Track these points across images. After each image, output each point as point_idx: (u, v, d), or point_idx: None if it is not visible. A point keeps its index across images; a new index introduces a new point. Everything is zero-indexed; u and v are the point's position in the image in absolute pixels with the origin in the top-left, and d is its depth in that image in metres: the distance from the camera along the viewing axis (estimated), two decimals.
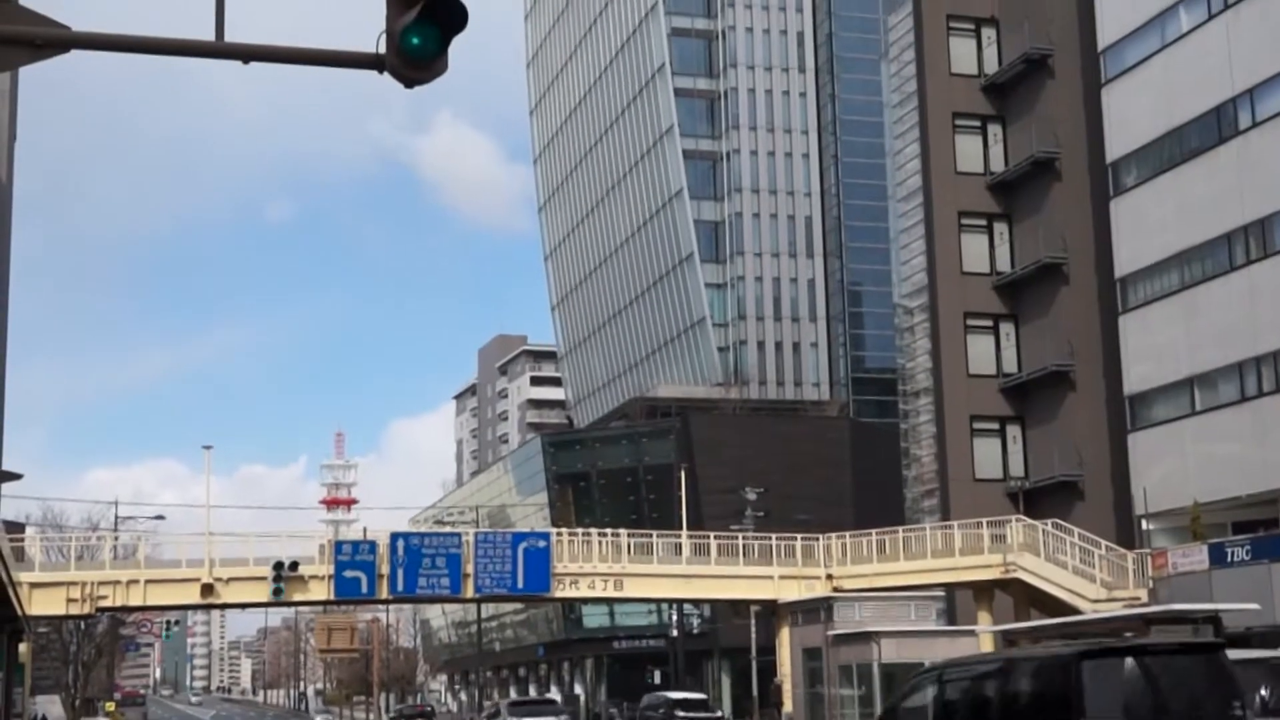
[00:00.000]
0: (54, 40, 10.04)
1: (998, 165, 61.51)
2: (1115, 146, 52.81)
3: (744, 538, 55.10)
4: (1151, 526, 50.20)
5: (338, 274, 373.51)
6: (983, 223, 61.66)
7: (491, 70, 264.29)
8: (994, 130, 62.16)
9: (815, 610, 48.81)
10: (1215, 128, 48.09)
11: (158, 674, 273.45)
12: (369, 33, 10.73)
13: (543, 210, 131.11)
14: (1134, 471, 51.10)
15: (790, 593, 52.16)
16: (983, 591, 50.52)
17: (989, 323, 61.13)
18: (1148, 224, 50.99)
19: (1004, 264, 61.09)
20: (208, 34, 10.57)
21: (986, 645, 42.45)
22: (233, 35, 10.63)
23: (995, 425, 60.48)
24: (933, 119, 62.13)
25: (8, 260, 63.26)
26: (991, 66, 62.01)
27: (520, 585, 51.57)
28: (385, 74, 10.58)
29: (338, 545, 51.67)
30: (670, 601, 71.40)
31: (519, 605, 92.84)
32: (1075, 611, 45.17)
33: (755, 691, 68.27)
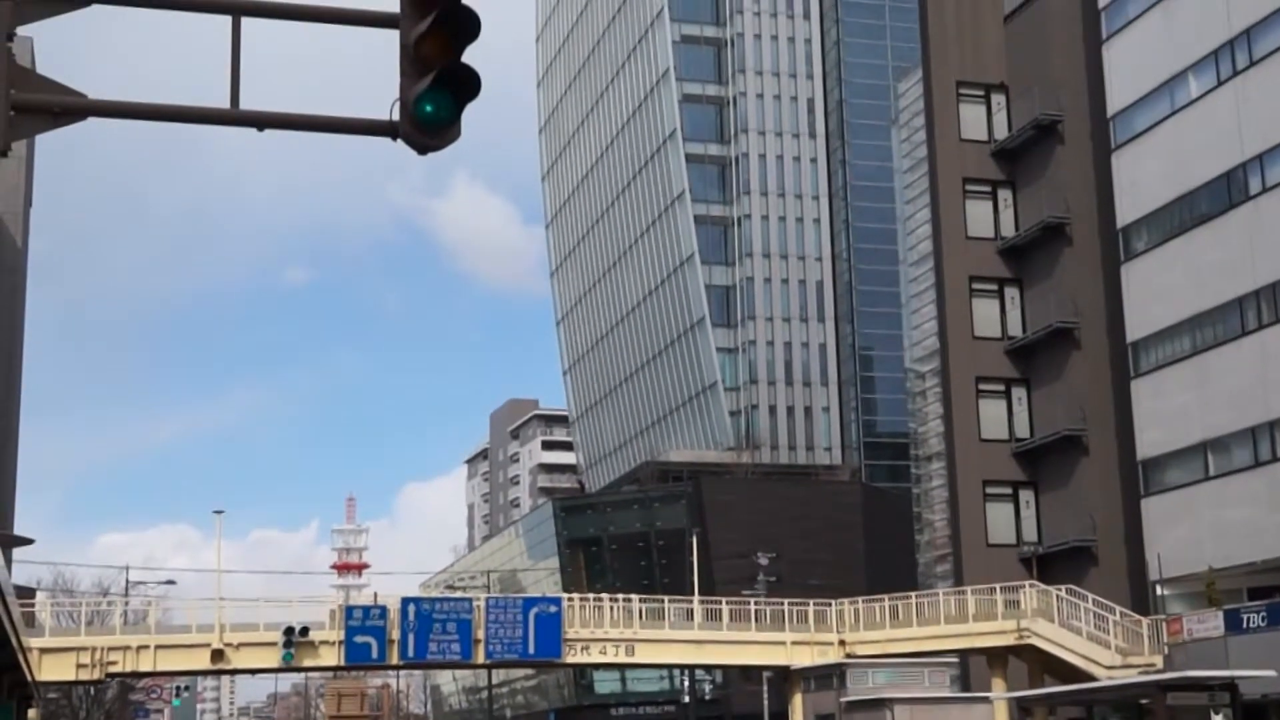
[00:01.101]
0: (72, 108, 10.16)
1: (1009, 230, 61.64)
2: (1126, 211, 52.93)
3: (756, 603, 54.83)
4: (1166, 592, 49.88)
5: (353, 337, 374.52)
6: (994, 287, 61.71)
7: (508, 132, 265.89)
8: (1004, 195, 62.33)
9: (828, 676, 48.48)
10: (1225, 193, 48.21)
11: None
12: (384, 98, 10.83)
13: (555, 275, 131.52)
14: (1148, 537, 50.85)
15: (803, 658, 51.84)
16: (997, 658, 50.17)
17: (1001, 387, 61.06)
18: (1159, 288, 51.02)
19: (1015, 328, 61.10)
20: (223, 101, 10.68)
21: (1001, 713, 42.18)
22: (248, 102, 10.74)
23: (1008, 490, 60.26)
24: (943, 184, 62.36)
25: (22, 324, 63.56)
26: (1001, 132, 62.28)
27: (531, 651, 51.30)
28: (399, 141, 10.67)
29: (348, 610, 51.47)
30: (682, 667, 70.96)
31: (530, 670, 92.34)
32: (1090, 678, 44.84)
33: None
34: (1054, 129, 59.60)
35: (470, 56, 10.61)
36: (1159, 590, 49.91)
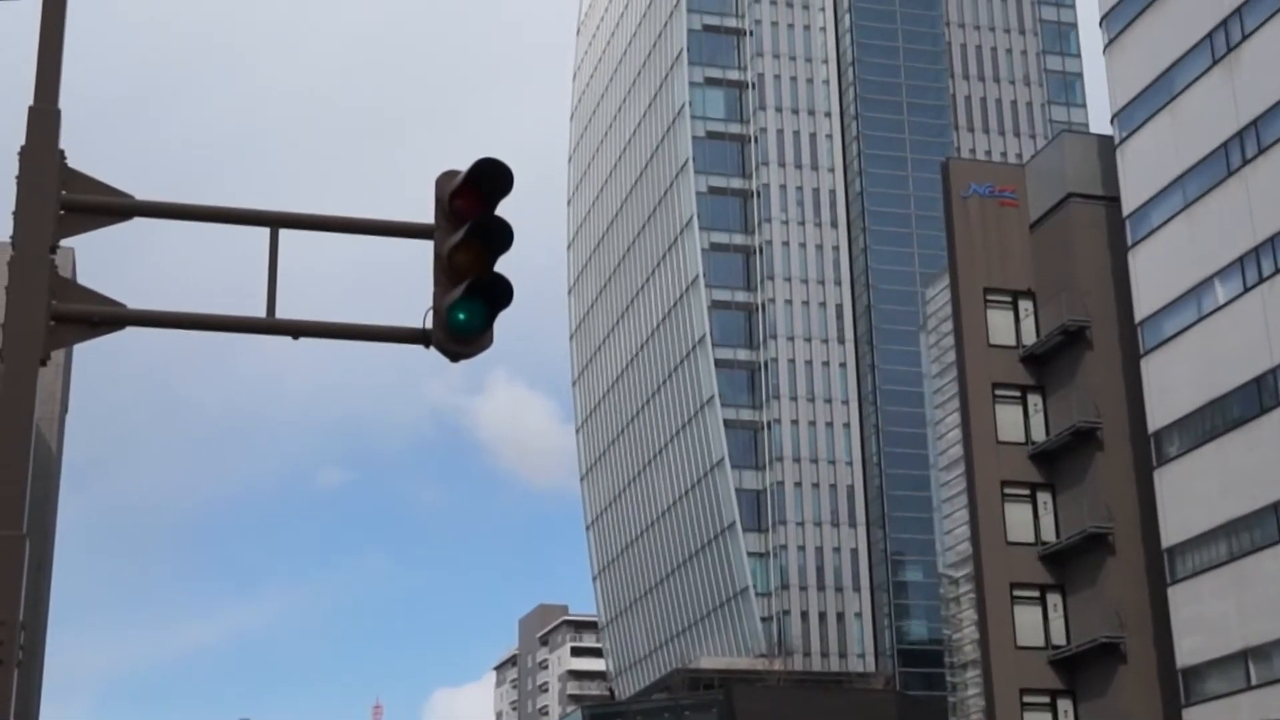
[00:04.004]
0: (110, 318, 10.31)
1: (1039, 435, 61.50)
2: (1156, 416, 52.85)
3: None
4: None
5: (385, 539, 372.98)
6: (1027, 492, 61.34)
7: (549, 330, 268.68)
8: (1034, 400, 62.35)
9: None
10: (1256, 398, 48.16)
11: None
12: (418, 303, 10.96)
13: (585, 479, 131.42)
14: None
15: None
16: None
17: (1036, 593, 60.27)
18: (1193, 494, 50.66)
19: (1049, 534, 60.55)
20: (259, 309, 10.83)
21: None
22: (284, 307, 10.88)
23: (1046, 699, 59.05)
24: (972, 389, 62.46)
25: (53, 531, 63.60)
26: (1030, 337, 62.57)
27: None
28: (431, 348, 10.77)
29: None
30: None
31: None
32: None
33: None
34: (1082, 334, 59.84)
35: (504, 262, 10.77)
36: None
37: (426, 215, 11.06)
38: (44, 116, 10.15)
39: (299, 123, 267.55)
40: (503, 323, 10.79)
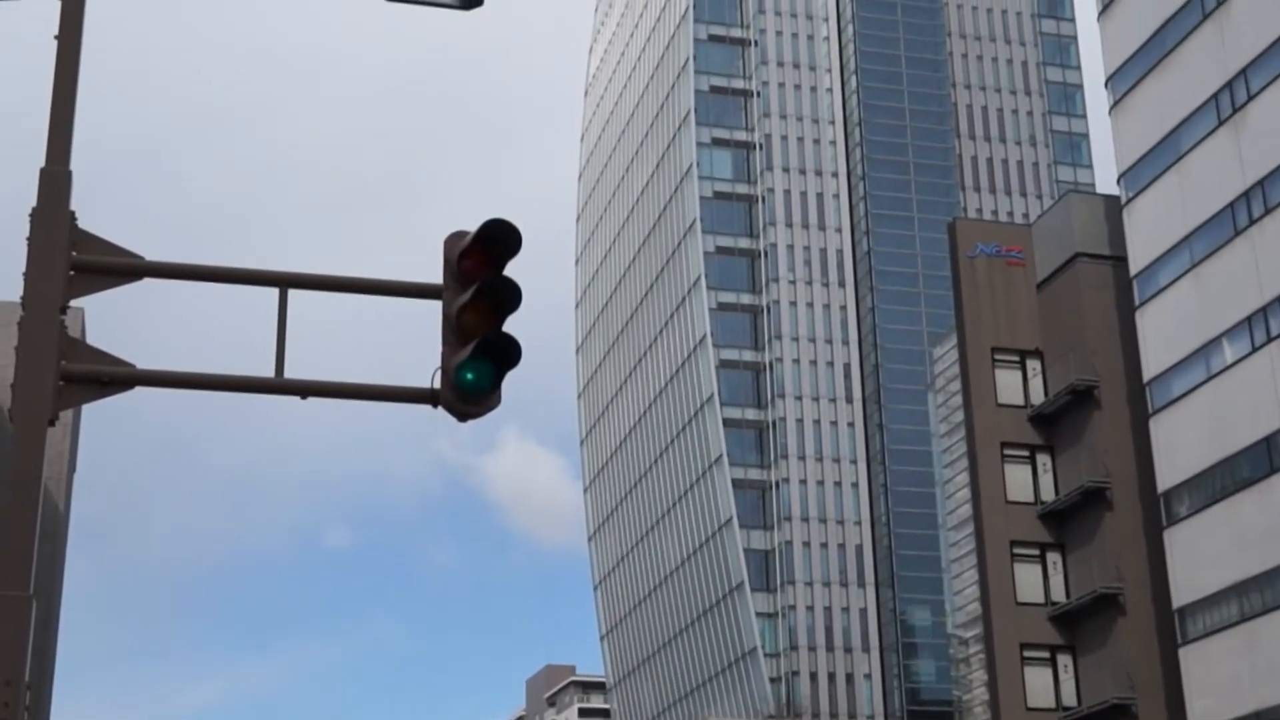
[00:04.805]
0: (119, 378, 10.33)
1: (1048, 494, 61.32)
2: (1166, 476, 52.71)
3: None
4: None
5: (392, 598, 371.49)
6: (1036, 552, 61.10)
7: (555, 389, 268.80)
8: (1043, 460, 62.19)
9: None
10: (1266, 457, 48.03)
11: None
12: (426, 362, 10.98)
13: (593, 539, 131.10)
14: None
15: None
16: None
17: (1046, 654, 59.90)
18: (1203, 554, 50.45)
19: (1059, 594, 60.25)
20: (268, 368, 10.85)
21: None
22: (293, 367, 10.90)
23: None
24: (981, 449, 62.33)
25: (60, 591, 63.49)
26: (1038, 397, 62.47)
27: None
28: (439, 408, 10.78)
29: None
30: None
31: None
32: None
33: None
34: (1090, 394, 59.77)
35: (512, 321, 10.79)
36: None
37: (435, 275, 11.10)
38: (55, 178, 10.21)
39: (308, 183, 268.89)
40: (512, 381, 10.81)
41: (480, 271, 10.82)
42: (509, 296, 10.69)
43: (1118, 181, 59.65)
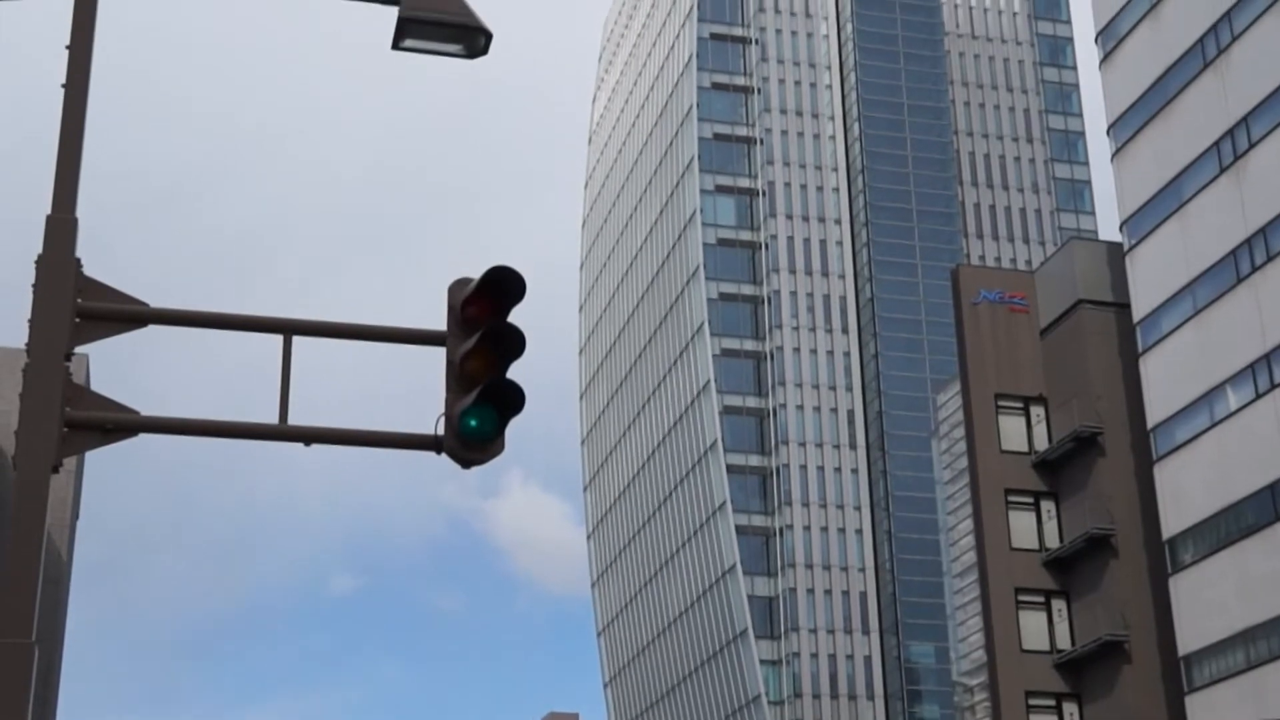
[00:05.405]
0: (123, 425, 10.33)
1: (1053, 541, 61.14)
2: (1171, 523, 52.59)
3: None
4: None
5: (396, 645, 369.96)
6: (1041, 599, 60.88)
7: (559, 435, 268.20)
8: (1047, 506, 62.04)
9: None
10: (1271, 504, 47.93)
11: None
12: (429, 409, 10.98)
13: (596, 586, 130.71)
14: None
15: None
16: None
17: (1051, 702, 59.58)
18: (1209, 601, 50.27)
19: (1064, 641, 60.01)
20: (272, 415, 10.85)
21: None
22: (297, 414, 10.89)
23: None
24: (985, 495, 62.20)
25: (62, 638, 63.32)
26: (1042, 444, 62.39)
27: None
28: (443, 455, 10.76)
29: None
30: None
31: None
32: None
33: None
34: (1094, 440, 59.68)
35: (516, 368, 10.79)
36: None
37: (439, 322, 11.12)
38: (61, 225, 10.24)
39: (313, 228, 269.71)
40: (517, 426, 10.80)
41: (484, 318, 10.83)
42: (513, 343, 10.69)
43: (1120, 228, 59.77)
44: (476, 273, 10.87)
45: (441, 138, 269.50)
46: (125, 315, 10.55)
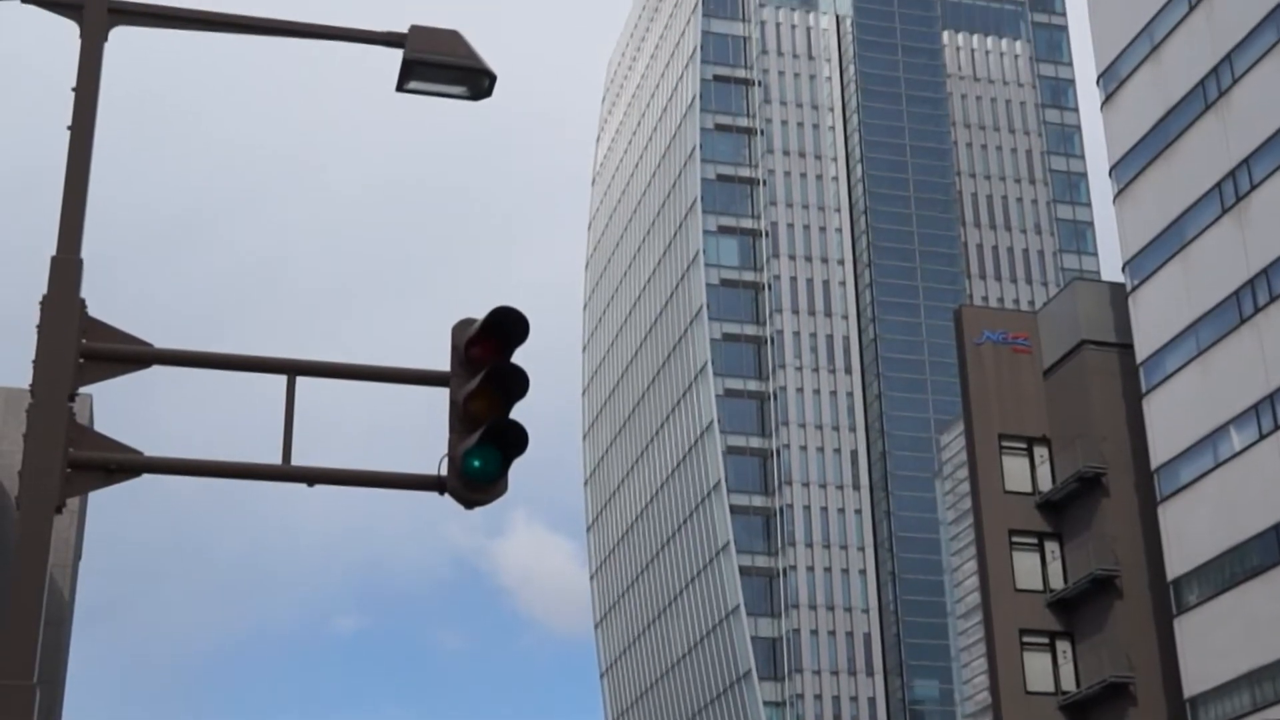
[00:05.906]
0: (127, 465, 10.32)
1: (1057, 582, 60.94)
2: (1175, 564, 52.44)
3: None
4: None
5: (401, 685, 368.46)
6: (1045, 640, 60.64)
7: (564, 475, 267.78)
8: (1051, 547, 61.87)
9: None
10: (1275, 545, 47.80)
11: None
12: (434, 448, 10.96)
13: (599, 627, 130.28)
14: None
15: None
16: None
17: None
18: (1214, 642, 50.07)
19: (1069, 683, 59.74)
20: (275, 455, 10.84)
21: None
22: (300, 452, 10.89)
23: None
24: (989, 536, 62.04)
25: (64, 675, 63.13)
26: (1046, 484, 62.27)
27: None
28: (446, 495, 10.76)
29: None
30: None
31: None
32: None
33: None
34: (1098, 481, 59.57)
35: (520, 409, 10.79)
36: None
37: (442, 362, 11.12)
38: (66, 266, 10.26)
39: (317, 268, 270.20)
40: (522, 466, 10.80)
41: (488, 358, 10.84)
42: (516, 383, 10.70)
43: (1123, 269, 59.84)
44: (480, 313, 10.89)
45: (446, 180, 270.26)
46: (129, 356, 10.56)
